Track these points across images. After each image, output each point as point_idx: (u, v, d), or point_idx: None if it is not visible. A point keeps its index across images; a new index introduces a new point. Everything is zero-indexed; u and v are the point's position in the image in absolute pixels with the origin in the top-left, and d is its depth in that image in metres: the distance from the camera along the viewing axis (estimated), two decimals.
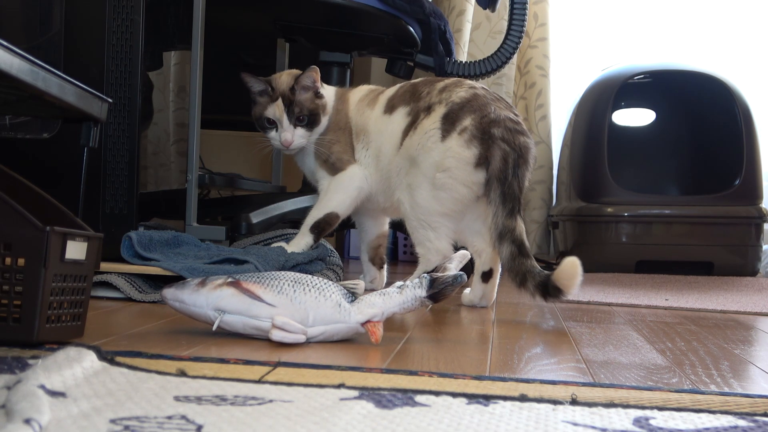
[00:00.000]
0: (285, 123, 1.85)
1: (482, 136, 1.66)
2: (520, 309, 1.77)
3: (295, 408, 0.77)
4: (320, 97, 1.88)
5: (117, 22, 1.74)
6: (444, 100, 1.72)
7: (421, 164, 1.70)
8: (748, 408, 0.86)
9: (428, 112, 1.73)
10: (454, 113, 1.69)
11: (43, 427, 0.63)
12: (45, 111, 1.46)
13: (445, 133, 1.68)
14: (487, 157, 1.65)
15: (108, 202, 1.75)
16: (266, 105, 1.86)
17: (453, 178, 1.67)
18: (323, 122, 1.88)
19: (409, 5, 2.25)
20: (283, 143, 1.86)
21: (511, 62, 3.02)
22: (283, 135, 1.85)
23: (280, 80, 1.87)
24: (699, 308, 1.92)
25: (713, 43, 3.51)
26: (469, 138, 1.66)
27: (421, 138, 1.71)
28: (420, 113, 1.75)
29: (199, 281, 1.21)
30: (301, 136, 1.86)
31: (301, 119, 1.85)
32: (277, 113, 1.85)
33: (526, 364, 1.11)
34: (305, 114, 1.85)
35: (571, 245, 3.08)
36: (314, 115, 1.86)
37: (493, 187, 1.64)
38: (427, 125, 1.71)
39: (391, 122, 1.81)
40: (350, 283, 1.23)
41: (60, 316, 1.06)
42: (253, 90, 1.87)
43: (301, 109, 1.85)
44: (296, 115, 1.85)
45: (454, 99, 1.71)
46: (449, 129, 1.68)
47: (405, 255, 3.42)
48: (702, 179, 3.23)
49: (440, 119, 1.70)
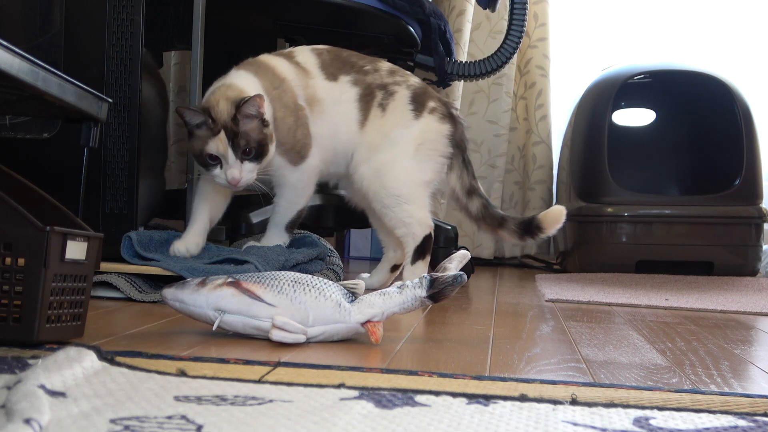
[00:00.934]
0: (230, 158, 1.64)
1: (449, 114, 1.87)
2: (520, 309, 1.77)
3: (295, 408, 0.77)
4: (267, 125, 1.67)
5: (117, 22, 1.74)
6: (402, 82, 1.86)
7: (398, 141, 1.81)
8: (748, 408, 0.86)
9: (388, 92, 1.83)
10: (419, 96, 1.85)
11: (43, 427, 0.63)
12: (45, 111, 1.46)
13: (417, 113, 1.84)
14: (454, 133, 1.86)
15: (108, 202, 1.75)
16: (206, 139, 1.64)
17: (433, 150, 1.84)
18: (272, 150, 1.69)
19: (409, 5, 2.25)
20: (230, 182, 1.65)
21: (511, 62, 3.02)
22: (230, 172, 1.64)
23: (218, 109, 1.65)
24: (699, 308, 1.92)
25: (713, 43, 3.51)
26: (440, 116, 1.86)
27: (396, 117, 1.82)
28: (374, 90, 1.83)
29: (199, 281, 1.22)
30: (249, 171, 1.66)
31: (248, 152, 1.65)
32: (221, 148, 1.63)
33: (526, 364, 1.11)
34: (252, 146, 1.65)
35: (571, 245, 3.08)
36: (262, 146, 1.66)
37: (455, 154, 1.87)
38: (399, 105, 1.83)
39: (341, 91, 1.81)
40: (350, 283, 1.23)
41: (60, 316, 1.06)
42: (189, 123, 1.65)
43: (247, 141, 1.64)
44: (242, 148, 1.64)
45: (412, 83, 1.87)
46: (420, 109, 1.84)
47: None
48: (702, 179, 3.23)
49: (409, 100, 1.84)
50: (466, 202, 1.89)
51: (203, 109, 1.65)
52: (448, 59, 2.42)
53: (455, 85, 3.22)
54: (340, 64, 1.84)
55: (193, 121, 1.64)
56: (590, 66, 3.43)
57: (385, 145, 1.81)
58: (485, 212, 1.87)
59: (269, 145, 1.68)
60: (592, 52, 3.54)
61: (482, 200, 1.88)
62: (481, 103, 3.36)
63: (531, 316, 1.65)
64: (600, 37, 3.57)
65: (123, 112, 1.74)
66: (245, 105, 1.63)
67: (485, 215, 1.88)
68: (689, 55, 3.48)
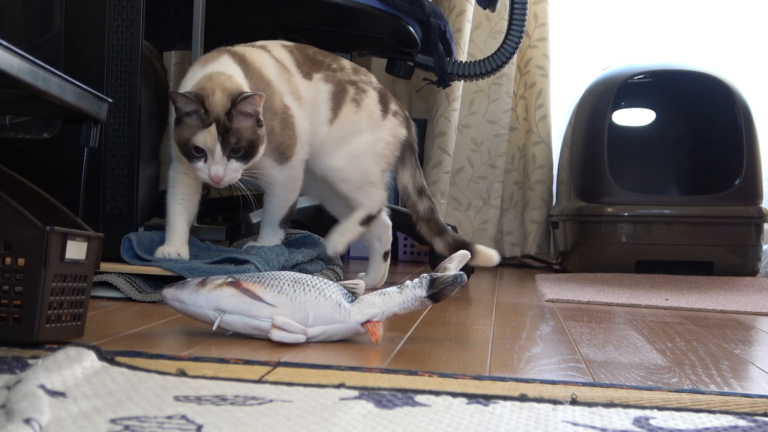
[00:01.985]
0: (217, 155, 1.56)
1: (405, 118, 1.95)
2: (520, 309, 1.77)
3: (295, 408, 0.77)
4: (261, 125, 1.60)
5: (117, 22, 1.74)
6: (368, 82, 1.91)
7: (368, 136, 1.87)
8: (748, 408, 0.86)
9: (359, 90, 1.87)
10: (383, 96, 1.92)
11: (43, 427, 0.63)
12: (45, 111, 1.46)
13: (384, 113, 1.91)
14: (407, 138, 1.94)
15: (108, 202, 1.75)
16: (195, 130, 1.55)
17: (391, 148, 1.91)
18: (261, 152, 1.62)
19: (409, 5, 2.25)
20: (212, 178, 1.57)
21: (511, 62, 3.02)
22: (213, 169, 1.56)
23: (213, 99, 1.56)
24: (699, 308, 1.92)
25: (713, 43, 3.51)
26: (401, 120, 1.94)
27: (369, 114, 1.88)
28: (346, 86, 1.86)
29: (199, 281, 1.22)
30: (234, 170, 1.58)
31: (236, 151, 1.57)
32: (209, 142, 1.55)
33: (526, 364, 1.11)
34: (243, 146, 1.57)
35: (571, 245, 3.08)
36: (253, 146, 1.59)
37: (408, 154, 1.94)
38: (371, 104, 1.88)
39: (316, 89, 1.83)
40: (350, 283, 1.23)
41: (60, 316, 1.06)
42: (181, 110, 1.56)
43: (238, 139, 1.56)
44: (232, 145, 1.56)
45: (375, 83, 1.93)
46: (385, 110, 1.91)
47: (405, 255, 3.43)
48: (702, 179, 3.23)
49: (377, 100, 1.90)
50: (416, 200, 1.95)
51: (197, 96, 1.56)
52: (448, 59, 2.42)
53: (455, 85, 3.22)
54: (310, 62, 1.85)
55: (185, 108, 1.56)
56: (590, 66, 3.43)
57: (356, 139, 1.86)
58: (431, 216, 1.95)
59: (260, 147, 1.61)
60: (592, 52, 3.54)
61: (431, 203, 1.95)
62: (481, 103, 3.36)
63: (531, 316, 1.65)
64: (600, 37, 3.57)
65: (123, 112, 1.74)
66: (243, 102, 1.55)
67: (430, 219, 1.95)
68: (689, 55, 3.48)
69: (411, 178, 1.95)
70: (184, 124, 1.57)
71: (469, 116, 3.36)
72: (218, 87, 1.58)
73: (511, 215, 3.41)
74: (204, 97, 1.57)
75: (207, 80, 1.61)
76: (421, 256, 3.34)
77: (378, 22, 2.25)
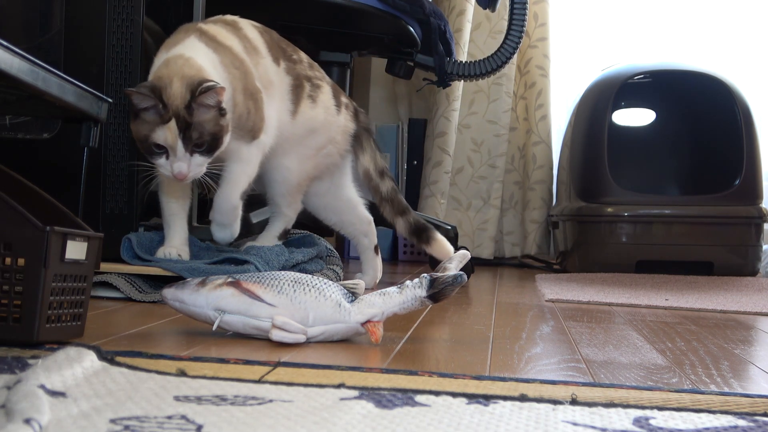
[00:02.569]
0: (179, 151, 1.46)
1: (355, 112, 1.91)
2: (520, 309, 1.77)
3: (295, 408, 0.77)
4: (224, 114, 1.49)
5: (117, 22, 1.74)
6: (321, 77, 1.85)
7: (321, 137, 1.83)
8: (748, 408, 0.86)
9: (314, 85, 1.82)
10: (335, 90, 1.87)
11: (43, 426, 0.64)
12: (45, 111, 1.46)
13: (338, 108, 1.86)
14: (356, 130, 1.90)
15: (108, 202, 1.75)
16: (154, 126, 1.45)
17: (337, 148, 1.87)
18: (226, 142, 1.52)
19: (409, 5, 2.25)
20: (176, 176, 1.48)
21: (511, 62, 3.02)
22: (177, 166, 1.47)
23: (171, 91, 1.45)
24: (699, 308, 1.92)
25: (713, 43, 3.50)
26: (352, 113, 1.90)
27: (325, 110, 1.82)
28: (303, 80, 1.79)
29: (199, 281, 1.22)
30: (199, 164, 1.49)
31: (199, 145, 1.47)
32: (170, 139, 1.45)
33: (526, 364, 1.11)
34: (206, 139, 1.47)
35: (571, 245, 3.08)
36: (217, 139, 1.49)
37: (365, 137, 1.91)
38: (327, 100, 1.83)
39: (281, 78, 1.75)
40: (350, 283, 1.23)
41: (60, 316, 1.06)
42: (138, 107, 1.46)
43: (201, 133, 1.46)
44: (194, 141, 1.46)
45: (327, 78, 1.88)
46: (338, 105, 1.86)
47: (405, 255, 3.42)
48: (702, 179, 3.23)
49: (332, 95, 1.85)
50: (379, 182, 1.93)
51: (153, 89, 1.45)
52: (448, 59, 2.42)
53: (455, 85, 3.22)
54: (277, 49, 1.77)
55: (141, 104, 1.45)
56: (590, 66, 3.43)
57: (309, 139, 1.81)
58: (394, 196, 1.93)
59: (224, 137, 1.51)
60: (592, 52, 3.54)
61: (393, 184, 1.95)
62: (481, 103, 3.36)
63: (531, 316, 1.65)
64: (600, 37, 3.57)
65: (123, 112, 1.74)
66: (204, 95, 1.44)
67: (393, 199, 1.93)
68: (689, 55, 3.48)
69: (371, 161, 1.93)
70: (141, 119, 1.46)
71: (469, 116, 3.36)
72: (176, 75, 1.47)
73: (511, 215, 3.41)
74: (161, 89, 1.45)
75: (164, 67, 1.50)
76: (421, 256, 3.34)
77: (378, 22, 2.25)
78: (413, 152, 3.43)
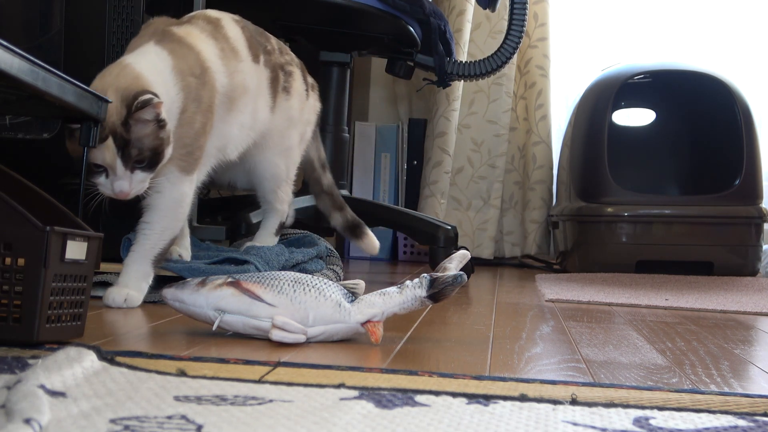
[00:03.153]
0: (119, 170, 1.35)
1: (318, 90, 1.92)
2: (520, 309, 1.77)
3: (295, 408, 0.77)
4: (164, 126, 1.36)
5: (117, 22, 1.74)
6: (291, 61, 1.81)
7: (298, 124, 1.82)
8: (748, 408, 0.86)
9: (287, 73, 1.79)
10: (303, 71, 1.85)
11: (43, 426, 0.64)
12: (45, 111, 1.45)
13: (307, 91, 1.85)
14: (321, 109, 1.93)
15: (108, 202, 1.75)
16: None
17: (311, 129, 1.89)
18: (168, 153, 1.39)
19: (409, 5, 2.25)
20: (117, 195, 1.38)
21: (511, 62, 3.02)
22: (118, 184, 1.36)
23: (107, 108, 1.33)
24: (699, 308, 1.92)
25: (713, 43, 3.51)
26: (317, 93, 1.91)
27: (298, 100, 1.81)
28: (278, 71, 1.74)
29: (199, 281, 1.22)
30: (140, 181, 1.38)
31: (140, 162, 1.36)
32: (108, 158, 1.34)
33: (526, 364, 1.11)
34: (146, 155, 1.36)
35: (571, 245, 3.08)
36: (158, 153, 1.37)
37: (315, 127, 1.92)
38: (299, 87, 1.81)
39: (260, 76, 1.66)
40: (350, 283, 1.23)
41: (60, 316, 1.06)
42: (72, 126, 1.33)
43: (140, 150, 1.35)
44: (134, 158, 1.35)
45: (295, 58, 1.84)
46: (307, 88, 1.85)
47: (405, 255, 3.42)
48: (702, 179, 3.23)
49: (302, 79, 1.83)
50: (321, 174, 1.97)
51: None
52: (448, 59, 2.42)
53: (455, 85, 3.22)
54: (257, 44, 1.67)
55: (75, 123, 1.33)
56: (590, 66, 3.43)
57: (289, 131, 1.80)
58: (333, 190, 1.99)
59: (166, 149, 1.39)
60: (592, 52, 3.54)
61: (332, 178, 2.00)
62: (481, 103, 3.36)
63: (531, 316, 1.65)
64: (600, 37, 3.57)
65: None
66: (140, 111, 1.33)
67: (332, 192, 1.99)
68: (689, 55, 3.48)
69: (316, 151, 1.94)
70: (75, 137, 1.34)
71: (469, 116, 3.36)
72: (110, 87, 1.35)
73: (511, 215, 3.42)
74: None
75: (100, 77, 1.39)
76: (421, 256, 3.34)
77: (378, 22, 2.25)
78: (413, 152, 3.43)
